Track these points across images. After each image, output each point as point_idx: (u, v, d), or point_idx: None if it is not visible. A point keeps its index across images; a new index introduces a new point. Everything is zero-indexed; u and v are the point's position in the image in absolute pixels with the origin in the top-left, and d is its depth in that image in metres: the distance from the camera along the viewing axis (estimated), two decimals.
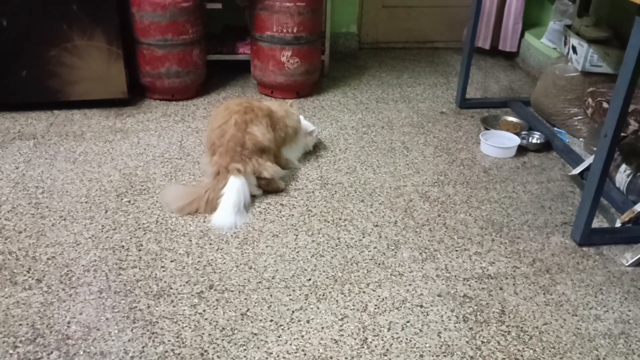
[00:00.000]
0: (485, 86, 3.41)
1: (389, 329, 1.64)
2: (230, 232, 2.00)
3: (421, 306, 1.73)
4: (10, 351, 1.50)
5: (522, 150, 2.64)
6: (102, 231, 1.98)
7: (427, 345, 1.59)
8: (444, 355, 1.55)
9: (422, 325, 1.65)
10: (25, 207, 2.08)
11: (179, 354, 1.53)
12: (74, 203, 2.12)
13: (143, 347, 1.54)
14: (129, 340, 1.56)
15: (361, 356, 1.55)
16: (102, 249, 1.90)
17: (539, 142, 2.70)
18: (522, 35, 3.69)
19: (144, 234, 1.98)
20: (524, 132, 2.76)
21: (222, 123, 2.19)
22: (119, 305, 1.67)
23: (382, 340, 1.60)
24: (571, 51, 2.78)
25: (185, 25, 2.81)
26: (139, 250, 1.90)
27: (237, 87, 3.21)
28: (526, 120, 2.87)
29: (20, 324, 1.59)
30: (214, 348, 1.55)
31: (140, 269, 1.82)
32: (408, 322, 1.67)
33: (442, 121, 2.92)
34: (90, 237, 1.95)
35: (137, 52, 2.86)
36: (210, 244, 1.95)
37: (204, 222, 2.05)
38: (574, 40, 2.75)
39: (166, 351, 1.53)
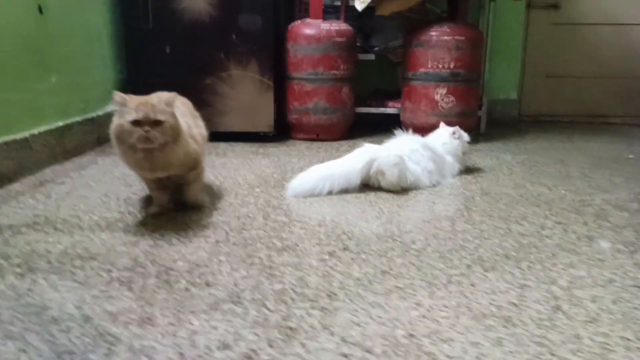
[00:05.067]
0: None
1: (593, 301, 1.14)
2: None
3: (639, 287, 1.21)
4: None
5: None
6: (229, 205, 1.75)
7: None
8: None
9: None
10: None
11: (300, 292, 1.17)
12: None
13: (258, 283, 1.21)
14: (242, 278, 1.23)
15: (554, 320, 1.06)
16: (228, 216, 1.65)
17: None
18: None
19: (273, 210, 1.72)
20: None
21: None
22: (235, 252, 1.38)
23: (585, 309, 1.11)
24: None
25: (337, 60, 2.75)
26: (266, 220, 1.63)
27: (384, 136, 3.00)
28: None
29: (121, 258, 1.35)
30: (345, 293, 1.17)
31: (265, 231, 1.53)
32: (620, 297, 1.16)
33: (630, 164, 2.43)
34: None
35: (287, 87, 2.83)
36: (346, 221, 1.62)
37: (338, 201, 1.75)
38: None
39: (285, 289, 1.18)
